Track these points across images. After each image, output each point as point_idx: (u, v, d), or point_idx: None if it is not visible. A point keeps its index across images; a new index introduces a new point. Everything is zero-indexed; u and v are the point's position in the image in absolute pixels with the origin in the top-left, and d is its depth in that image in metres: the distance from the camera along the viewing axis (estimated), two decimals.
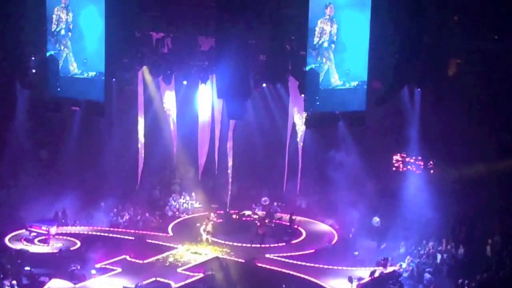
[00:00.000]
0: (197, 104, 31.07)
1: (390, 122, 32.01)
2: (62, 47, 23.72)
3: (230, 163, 31.42)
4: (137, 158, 30.90)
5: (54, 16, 23.42)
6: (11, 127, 34.57)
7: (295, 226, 32.07)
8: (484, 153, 29.81)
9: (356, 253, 29.07)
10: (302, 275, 26.60)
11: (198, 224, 29.17)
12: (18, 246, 28.10)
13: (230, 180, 32.03)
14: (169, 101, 30.91)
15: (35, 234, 28.86)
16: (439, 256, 27.69)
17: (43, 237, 28.81)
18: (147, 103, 30.48)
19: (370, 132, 31.19)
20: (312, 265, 27.53)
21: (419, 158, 34.65)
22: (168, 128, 31.76)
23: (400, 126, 32.55)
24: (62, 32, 23.52)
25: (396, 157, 35.71)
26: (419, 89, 28.26)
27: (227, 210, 32.75)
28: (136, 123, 30.32)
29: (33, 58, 26.06)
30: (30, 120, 33.74)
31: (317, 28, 21.76)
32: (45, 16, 23.46)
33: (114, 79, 26.65)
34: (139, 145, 30.53)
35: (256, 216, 32.36)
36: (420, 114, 30.38)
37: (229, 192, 32.55)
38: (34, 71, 26.58)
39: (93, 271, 25.53)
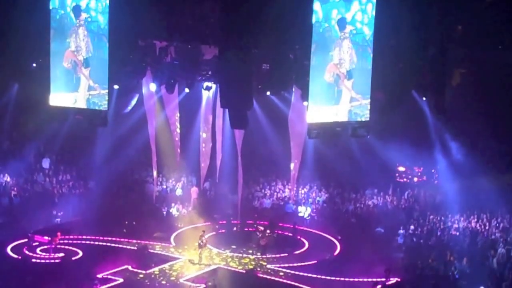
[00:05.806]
0: (201, 112, 31.12)
1: (393, 132, 31.91)
2: None
3: (240, 180, 31.43)
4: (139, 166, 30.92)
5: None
6: (11, 136, 34.53)
7: (298, 237, 31.93)
8: (489, 164, 29.77)
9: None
10: (303, 286, 26.44)
11: (201, 234, 29.03)
12: (20, 255, 27.97)
13: (240, 192, 32.09)
14: (172, 110, 30.94)
15: (37, 243, 28.73)
16: (441, 268, 27.51)
17: (45, 247, 28.65)
18: (150, 111, 30.44)
19: (374, 142, 31.10)
20: (314, 276, 27.35)
21: (421, 169, 34.68)
22: (171, 137, 31.80)
23: (404, 136, 32.53)
24: None
25: (400, 167, 35.71)
26: (424, 99, 28.14)
27: (231, 220, 32.64)
28: (142, 131, 30.33)
29: (34, 65, 25.89)
30: (32, 129, 33.62)
31: None
32: (49, 23, 23.33)
33: (117, 88, 26.57)
34: (153, 154, 30.72)
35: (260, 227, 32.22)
36: (424, 124, 30.35)
37: (239, 206, 32.57)
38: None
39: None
